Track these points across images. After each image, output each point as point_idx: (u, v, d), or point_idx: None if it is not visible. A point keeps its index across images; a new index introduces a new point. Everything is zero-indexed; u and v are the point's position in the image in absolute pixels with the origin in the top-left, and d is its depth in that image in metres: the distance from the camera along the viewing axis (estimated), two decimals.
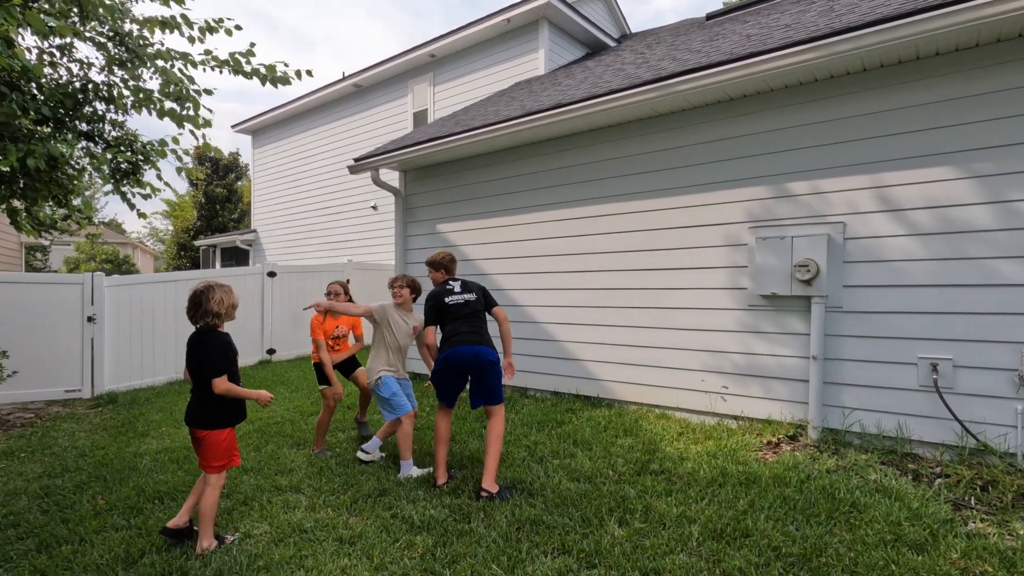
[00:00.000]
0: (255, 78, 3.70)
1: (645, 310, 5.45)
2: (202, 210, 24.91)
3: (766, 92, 4.75)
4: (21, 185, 3.19)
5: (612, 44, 11.14)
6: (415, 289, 4.50)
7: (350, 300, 5.03)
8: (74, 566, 2.94)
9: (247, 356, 9.26)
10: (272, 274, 9.93)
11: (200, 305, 3.08)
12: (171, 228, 30.52)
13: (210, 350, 3.04)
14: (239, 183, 26.87)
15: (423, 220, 7.46)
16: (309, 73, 3.86)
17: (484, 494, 3.57)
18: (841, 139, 4.42)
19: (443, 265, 4.27)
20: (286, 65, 3.72)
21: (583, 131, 5.85)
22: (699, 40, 6.29)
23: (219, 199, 25.04)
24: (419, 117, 12.43)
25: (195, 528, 3.17)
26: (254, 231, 17.33)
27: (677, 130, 5.24)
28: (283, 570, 2.82)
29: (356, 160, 7.54)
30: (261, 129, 16.91)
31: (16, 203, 4.09)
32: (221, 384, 3.03)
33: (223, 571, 2.83)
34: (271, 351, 9.86)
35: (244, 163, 27.22)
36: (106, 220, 36.89)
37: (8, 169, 2.87)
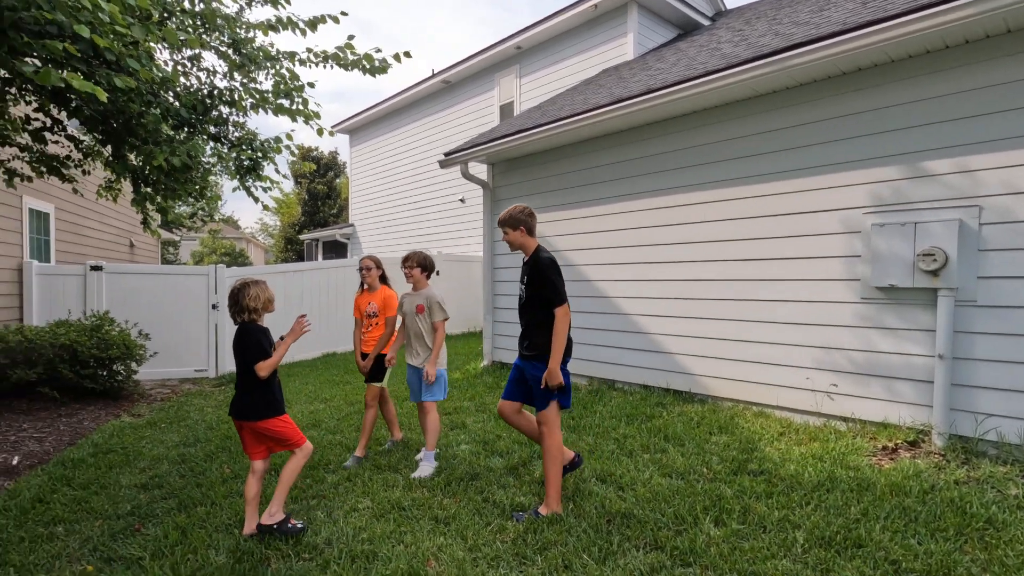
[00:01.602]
0: (355, 69, 3.90)
1: (743, 302, 5.17)
2: (306, 206, 26.79)
3: (884, 64, 4.32)
4: (163, 186, 3.65)
5: (705, 23, 10.59)
6: (427, 267, 4.24)
7: (383, 276, 4.62)
8: (207, 526, 3.29)
9: (346, 343, 9.86)
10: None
11: (238, 302, 3.16)
12: (279, 223, 33.09)
13: (249, 341, 3.13)
14: (337, 180, 28.58)
15: None
16: (407, 55, 3.97)
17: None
18: (980, 111, 3.92)
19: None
20: (379, 50, 3.88)
21: (675, 116, 5.63)
22: (806, 11, 5.81)
23: (320, 196, 26.80)
24: (505, 110, 12.55)
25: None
26: (351, 225, 18.38)
27: (777, 111, 4.90)
28: (384, 544, 2.99)
29: (446, 155, 7.76)
30: (357, 128, 17.84)
31: (149, 205, 4.62)
32: (263, 368, 3.07)
33: (332, 540, 3.05)
34: None
35: (342, 161, 28.89)
36: (224, 217, 40.63)
37: (149, 169, 3.30)
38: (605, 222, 6.33)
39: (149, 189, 3.74)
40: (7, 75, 2.94)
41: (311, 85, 4.00)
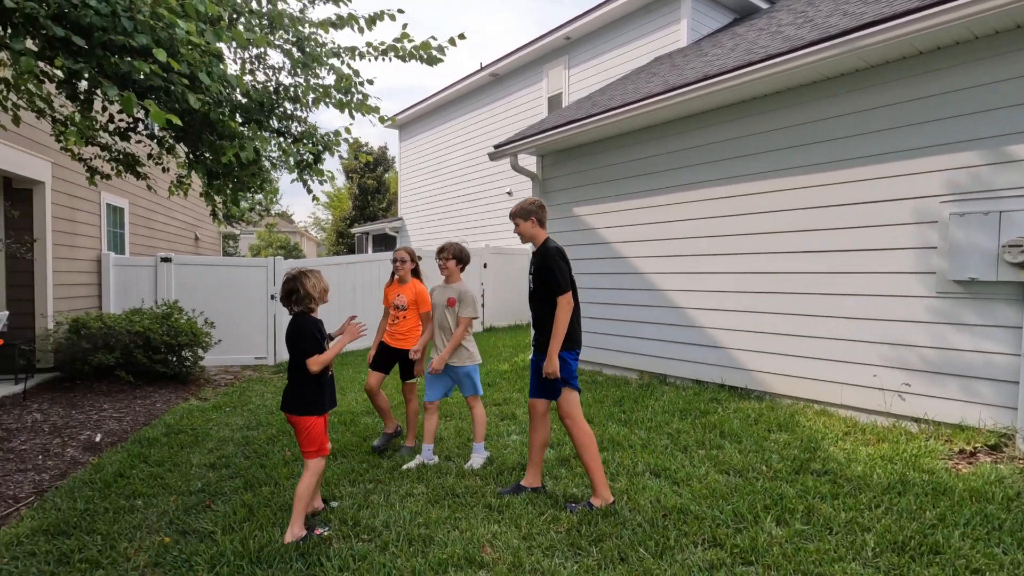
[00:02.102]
0: (412, 59, 3.96)
1: (806, 296, 4.96)
2: (356, 201, 27.47)
3: (967, 42, 4.02)
4: (232, 179, 3.85)
5: (764, 6, 10.17)
6: (462, 260, 4.04)
7: (417, 270, 4.44)
8: (272, 504, 3.44)
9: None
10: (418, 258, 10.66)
11: (294, 292, 3.09)
12: (330, 218, 34.08)
13: (304, 333, 3.06)
14: (386, 175, 29.15)
15: (560, 204, 7.50)
16: (462, 36, 3.99)
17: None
18: None
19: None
20: (435, 38, 3.93)
21: (732, 103, 5.44)
22: None
23: (370, 190, 27.42)
24: (554, 101, 12.46)
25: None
26: (400, 219, 18.73)
27: (845, 95, 4.65)
28: (440, 528, 3.04)
29: (496, 147, 7.77)
30: (407, 123, 18.12)
31: (217, 198, 4.85)
32: (315, 363, 3.02)
33: (389, 523, 3.13)
34: None
35: (391, 156, 29.45)
36: (280, 212, 42.18)
37: (220, 163, 3.48)
38: (657, 213, 6.20)
39: (219, 182, 3.95)
40: (92, 89, 3.15)
41: (370, 82, 4.09)
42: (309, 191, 4.36)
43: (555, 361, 3.19)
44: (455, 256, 4.02)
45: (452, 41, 3.97)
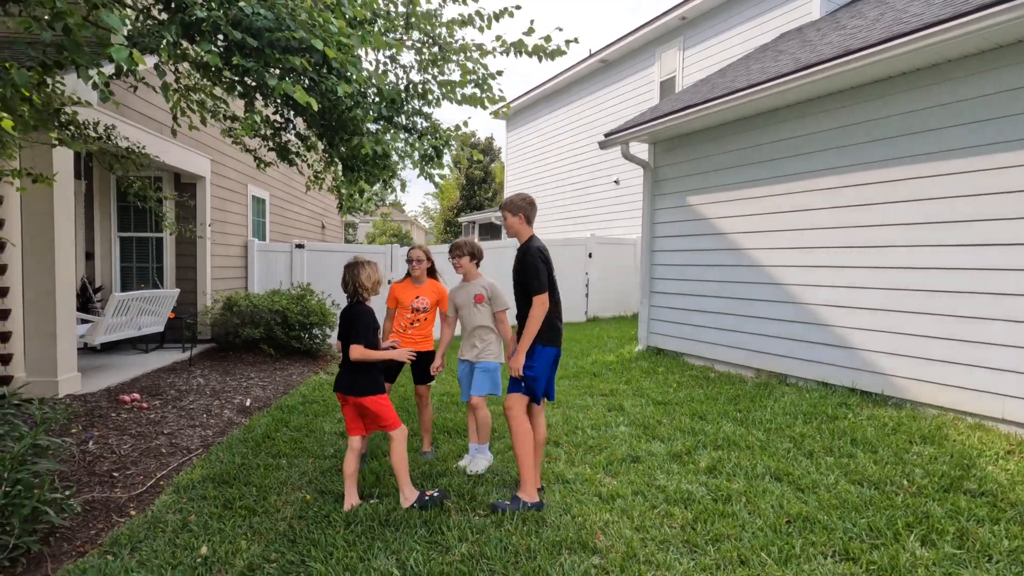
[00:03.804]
0: (536, 55, 4.03)
1: (961, 295, 4.41)
2: (463, 191, 28.43)
3: None
4: (364, 172, 4.21)
5: None
6: (476, 255, 3.81)
7: (433, 269, 4.17)
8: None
9: None
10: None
11: (350, 281, 3.21)
12: (439, 207, 35.56)
13: (358, 321, 3.18)
14: (492, 165, 29.83)
15: (672, 193, 7.24)
16: (575, 41, 4.08)
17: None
18: None
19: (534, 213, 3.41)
20: (560, 30, 4.00)
21: (876, 81, 4.91)
22: None
23: (477, 180, 28.23)
24: (666, 86, 12.00)
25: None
26: None
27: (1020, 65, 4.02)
28: (552, 512, 3.12)
29: (606, 135, 7.66)
30: (514, 113, 18.36)
31: (350, 189, 5.28)
32: (356, 351, 3.13)
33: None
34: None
35: (497, 147, 30.06)
36: (393, 202, 44.76)
37: (356, 157, 3.83)
38: (782, 202, 5.79)
39: (353, 174, 4.33)
40: (253, 83, 3.57)
41: (500, 74, 4.24)
42: (435, 184, 4.61)
43: (521, 358, 3.19)
44: (471, 253, 3.78)
45: (567, 44, 4.00)
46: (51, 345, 5.16)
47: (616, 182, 13.34)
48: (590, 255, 11.53)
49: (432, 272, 4.19)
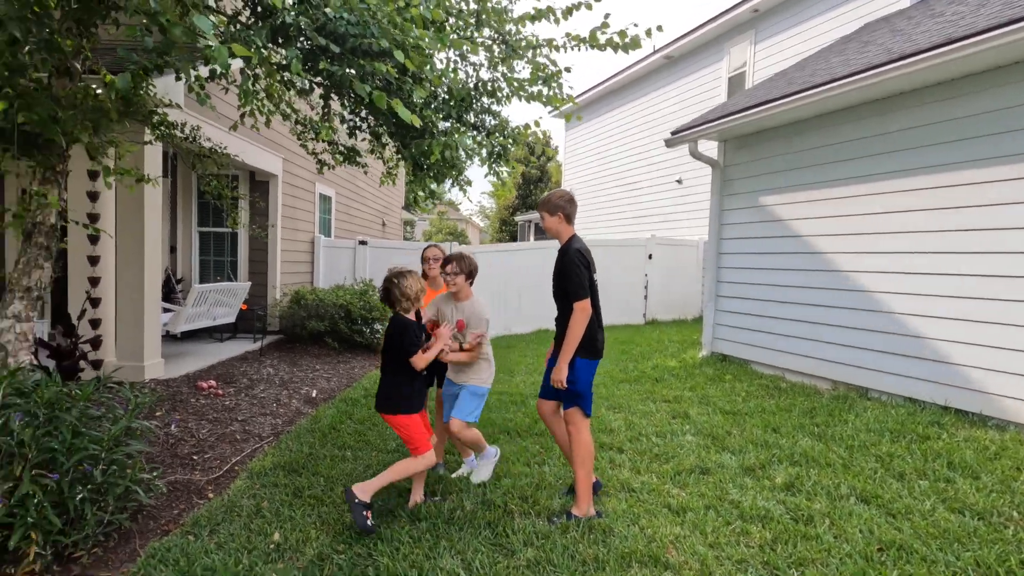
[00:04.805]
0: (608, 48, 3.92)
1: None
2: (519, 189, 28.46)
3: None
4: (433, 172, 4.25)
5: None
6: (473, 275, 3.44)
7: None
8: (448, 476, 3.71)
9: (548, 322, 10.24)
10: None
11: (390, 292, 3.06)
12: (494, 206, 35.79)
13: (403, 333, 3.03)
14: (549, 164, 29.71)
15: (742, 193, 6.93)
16: (659, 28, 3.92)
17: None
18: None
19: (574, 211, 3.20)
20: (636, 25, 3.86)
21: (985, 70, 4.49)
22: None
23: (533, 179, 28.20)
24: (735, 81, 11.54)
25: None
26: None
27: None
28: (620, 522, 3.01)
29: (673, 133, 7.42)
30: (577, 111, 18.18)
31: (418, 188, 5.35)
32: (420, 361, 3.01)
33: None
34: None
35: (554, 145, 29.92)
36: (449, 200, 45.41)
37: (426, 158, 3.87)
38: (867, 203, 5.40)
39: (422, 173, 4.38)
40: (330, 84, 3.65)
41: (567, 70, 4.15)
42: (501, 180, 4.59)
43: (564, 370, 3.02)
44: (468, 271, 3.38)
45: (648, 32, 3.86)
46: (139, 332, 5.50)
47: (679, 181, 12.96)
48: (650, 256, 11.25)
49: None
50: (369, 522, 2.86)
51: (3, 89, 3.28)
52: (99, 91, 3.50)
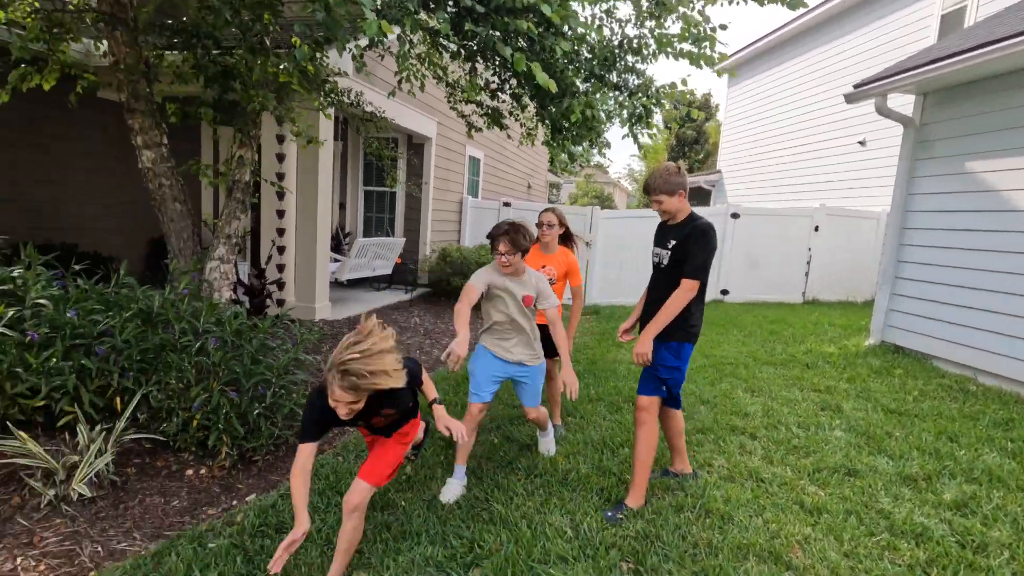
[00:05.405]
0: (772, 2, 3.48)
1: None
2: (672, 152, 26.94)
3: None
4: (573, 132, 4.19)
5: None
6: (525, 250, 2.96)
7: (568, 235, 3.72)
8: (580, 439, 3.76)
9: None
10: (735, 215, 9.88)
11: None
12: (644, 169, 34.37)
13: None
14: (707, 124, 27.58)
15: (943, 156, 5.81)
16: None
17: None
18: None
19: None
20: None
21: None
22: None
23: (688, 141, 26.47)
24: (948, 20, 9.55)
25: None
26: (718, 172, 17.58)
27: None
28: (741, 511, 2.84)
29: (856, 86, 6.41)
30: (736, 68, 16.55)
31: (559, 149, 5.32)
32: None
33: (684, 486, 3.08)
34: (724, 291, 10.01)
35: (715, 104, 27.63)
36: (597, 163, 44.61)
37: (566, 119, 3.82)
38: None
39: (561, 135, 4.34)
40: (475, 47, 3.75)
41: (723, 27, 3.75)
42: (638, 145, 4.38)
43: (648, 343, 2.81)
44: (523, 249, 2.93)
45: None
46: (311, 277, 6.33)
47: (861, 143, 11.24)
48: (816, 228, 10.02)
49: (566, 239, 3.78)
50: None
51: (214, 66, 3.89)
52: (282, 66, 3.98)
